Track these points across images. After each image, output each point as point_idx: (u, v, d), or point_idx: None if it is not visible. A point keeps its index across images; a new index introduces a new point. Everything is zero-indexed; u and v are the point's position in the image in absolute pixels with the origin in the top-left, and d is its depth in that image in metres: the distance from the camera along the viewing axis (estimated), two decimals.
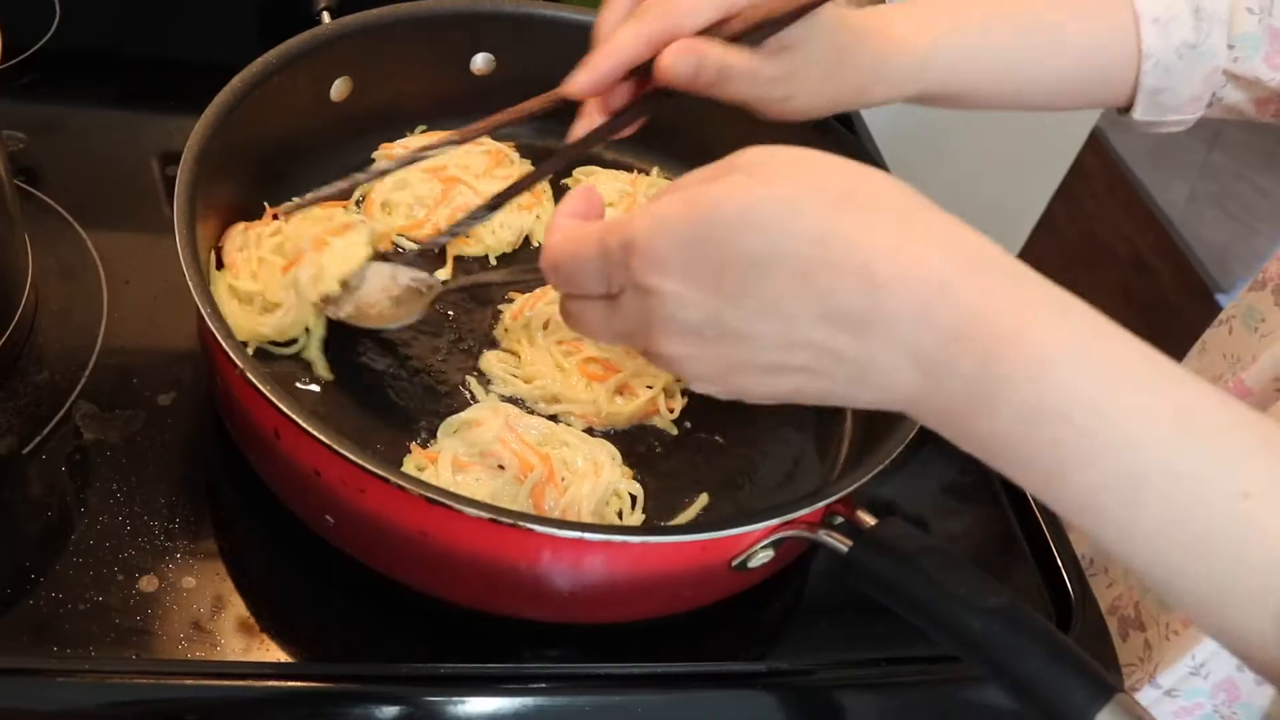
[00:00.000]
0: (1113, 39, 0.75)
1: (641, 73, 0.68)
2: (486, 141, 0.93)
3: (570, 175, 0.96)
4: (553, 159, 0.73)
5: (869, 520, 0.60)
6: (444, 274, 0.85)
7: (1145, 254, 2.93)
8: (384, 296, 0.73)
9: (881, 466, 0.63)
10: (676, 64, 0.65)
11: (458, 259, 0.87)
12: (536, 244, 0.90)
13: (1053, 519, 0.81)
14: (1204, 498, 0.41)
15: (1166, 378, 0.43)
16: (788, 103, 0.71)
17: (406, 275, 0.73)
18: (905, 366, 0.43)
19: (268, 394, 0.58)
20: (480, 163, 0.90)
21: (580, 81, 0.67)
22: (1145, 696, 0.85)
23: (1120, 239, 2.95)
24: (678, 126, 0.99)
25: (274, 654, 0.62)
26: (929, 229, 0.44)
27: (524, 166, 0.93)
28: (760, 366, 0.46)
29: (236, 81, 0.76)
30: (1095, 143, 2.42)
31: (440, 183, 0.88)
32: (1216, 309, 2.78)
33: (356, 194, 0.88)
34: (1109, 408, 0.42)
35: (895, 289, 0.42)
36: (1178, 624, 0.84)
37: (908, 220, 0.44)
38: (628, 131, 0.73)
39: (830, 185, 0.45)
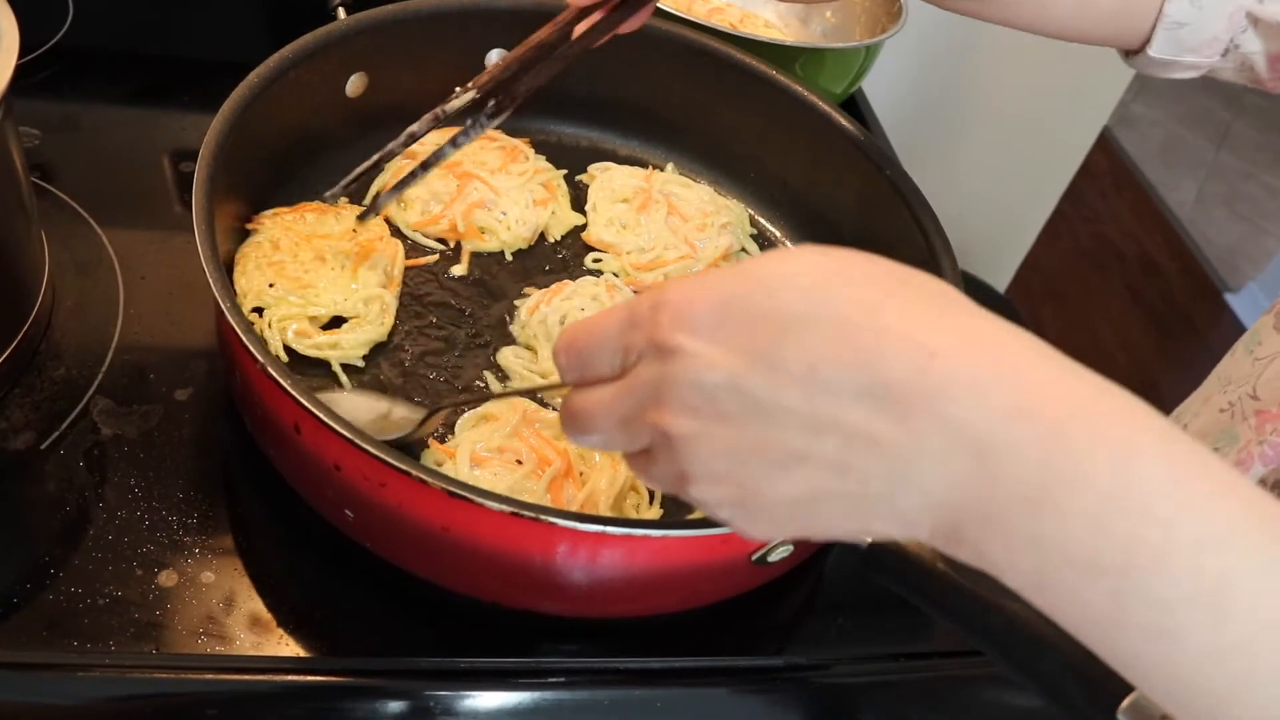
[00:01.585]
0: None
1: None
2: (501, 137, 0.93)
3: (585, 171, 0.96)
4: (552, 61, 0.73)
5: None
6: (459, 269, 0.85)
7: (1153, 254, 2.93)
8: (369, 419, 0.71)
9: None
10: None
11: (474, 254, 0.86)
12: (551, 240, 0.90)
13: None
14: None
15: (1239, 478, 0.38)
16: None
17: (399, 412, 0.71)
18: (956, 454, 0.37)
19: (289, 388, 0.58)
20: (495, 158, 0.90)
21: None
22: None
23: (1128, 239, 2.94)
24: (692, 123, 0.99)
25: (291, 649, 0.62)
26: (989, 320, 0.39)
27: (539, 163, 0.93)
28: (779, 453, 0.39)
29: (253, 77, 0.76)
30: (1104, 142, 2.42)
31: (456, 179, 0.88)
32: (1225, 309, 2.78)
33: (373, 192, 0.88)
34: (1193, 501, 0.36)
35: (950, 361, 0.37)
36: None
37: (967, 310, 0.40)
38: (633, 24, 0.73)
39: (889, 268, 0.40)
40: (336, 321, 0.76)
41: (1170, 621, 0.36)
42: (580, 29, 0.71)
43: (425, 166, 0.75)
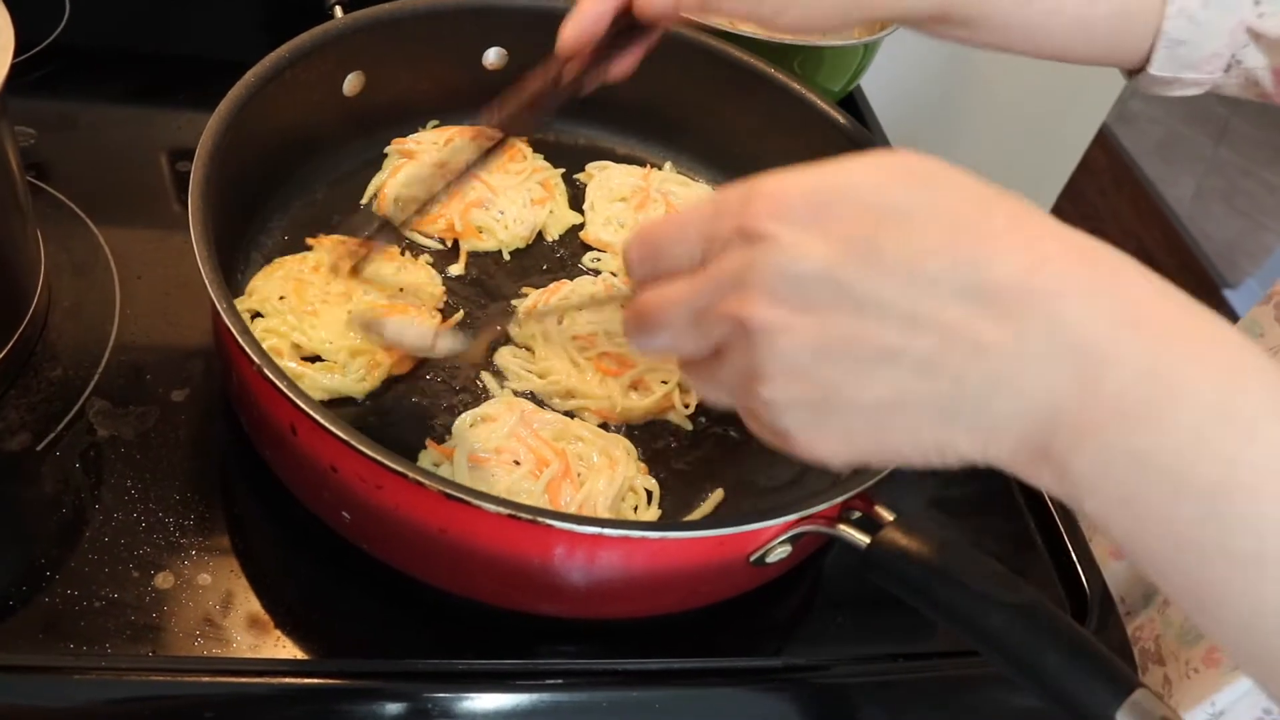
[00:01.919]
0: None
1: (628, 23, 0.68)
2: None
3: (583, 170, 0.96)
4: (542, 112, 0.72)
5: (888, 515, 0.60)
6: (457, 269, 0.85)
7: (1152, 250, 2.93)
8: (415, 344, 0.72)
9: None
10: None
11: (471, 254, 0.86)
12: (549, 239, 0.90)
13: (1069, 516, 0.80)
14: None
15: None
16: (782, 17, 0.65)
17: (445, 344, 0.73)
18: (1061, 358, 0.36)
19: (285, 390, 0.57)
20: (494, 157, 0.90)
21: (567, 36, 0.66)
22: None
23: (1127, 235, 2.94)
24: (690, 122, 0.99)
25: (288, 650, 0.61)
26: (1098, 243, 0.38)
27: (537, 162, 0.93)
28: (869, 350, 0.37)
29: (250, 76, 0.76)
30: (1102, 139, 2.42)
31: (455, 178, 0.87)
32: (1224, 305, 2.78)
33: (370, 191, 0.88)
34: None
35: (1063, 265, 0.36)
36: (1198, 662, 0.83)
37: (1068, 227, 0.38)
38: (622, 70, 0.72)
39: (983, 182, 0.39)
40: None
41: (1263, 547, 0.35)
42: (569, 74, 0.70)
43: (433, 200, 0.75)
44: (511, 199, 0.88)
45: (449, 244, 0.87)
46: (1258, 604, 0.36)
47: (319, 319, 0.73)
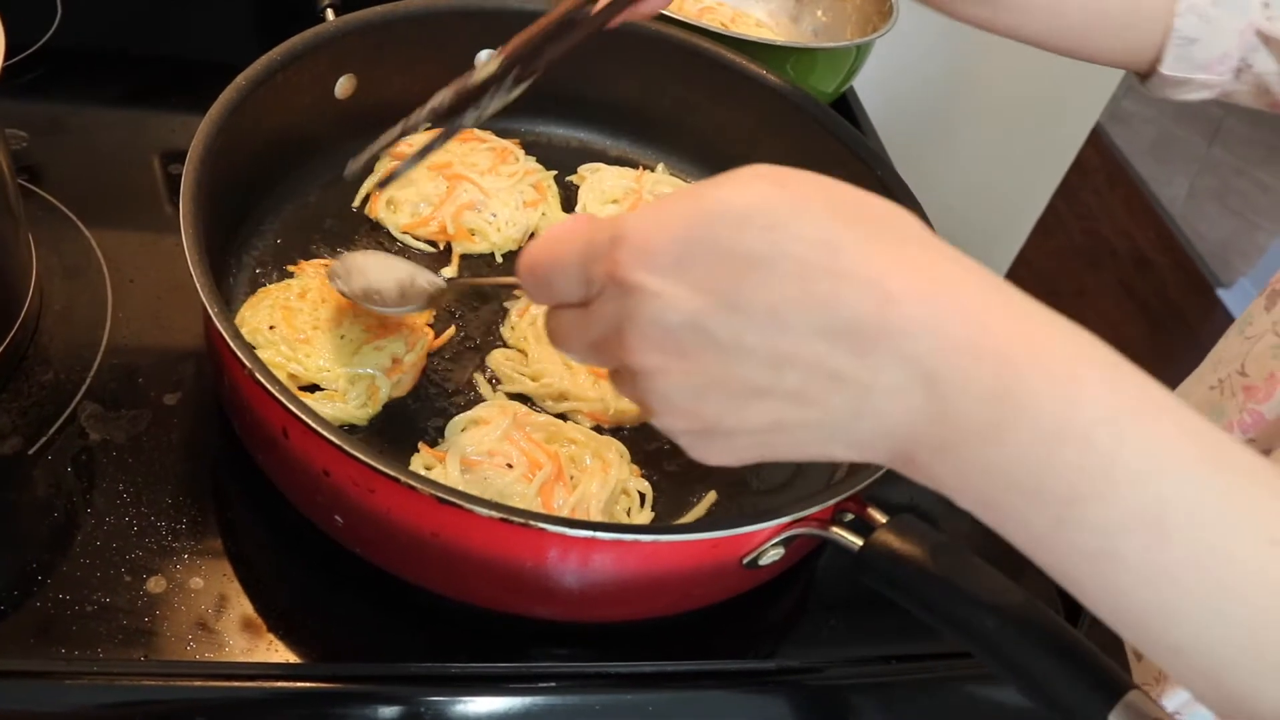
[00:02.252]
0: None
1: None
2: (491, 138, 0.92)
3: (575, 172, 0.96)
4: (574, 32, 0.71)
5: (880, 518, 0.60)
6: (449, 271, 0.85)
7: (1146, 250, 2.93)
8: (395, 286, 0.72)
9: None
10: None
11: (463, 256, 0.86)
12: None
13: None
14: (1231, 543, 0.38)
15: (1189, 413, 0.40)
16: None
17: (424, 277, 0.73)
18: (912, 388, 0.39)
19: (276, 394, 0.57)
20: (485, 159, 0.90)
21: None
22: None
23: (1121, 235, 2.95)
24: (683, 124, 0.99)
25: (282, 654, 0.61)
26: (946, 256, 0.41)
27: (529, 164, 0.93)
28: (740, 387, 0.40)
29: (241, 79, 0.76)
30: (1096, 138, 2.42)
31: (445, 180, 0.88)
32: (1217, 304, 2.79)
33: (362, 194, 0.88)
34: (1135, 432, 0.38)
35: (907, 302, 0.38)
36: None
37: (923, 245, 0.41)
38: (651, 7, 0.72)
39: (846, 200, 0.41)
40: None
41: (1110, 546, 0.38)
42: (601, 3, 0.70)
43: (446, 136, 0.72)
44: (504, 201, 0.88)
45: (441, 247, 0.87)
46: (1115, 596, 0.40)
47: (312, 346, 0.72)
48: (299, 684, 0.61)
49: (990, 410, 0.38)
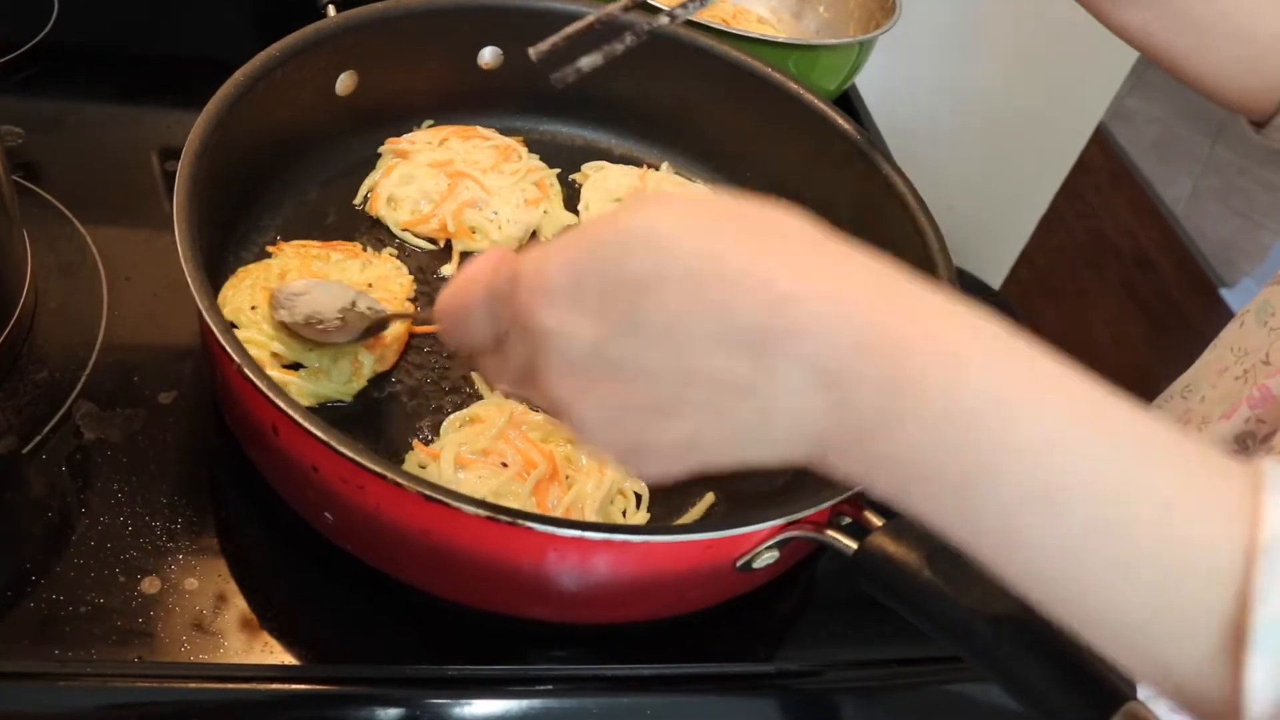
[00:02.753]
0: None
1: None
2: (495, 136, 0.92)
3: (579, 170, 0.96)
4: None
5: (876, 520, 0.59)
6: (449, 269, 0.84)
7: (1149, 249, 2.93)
8: (335, 314, 0.72)
9: None
10: None
11: (464, 254, 0.86)
12: (544, 239, 0.89)
13: None
14: (1129, 511, 0.39)
15: (1078, 381, 0.40)
16: None
17: (365, 303, 0.73)
18: (810, 388, 0.39)
19: (265, 389, 0.57)
20: (488, 157, 0.90)
21: None
22: (1140, 694, 0.85)
23: (1124, 234, 2.94)
24: (687, 122, 0.98)
25: (277, 656, 0.61)
26: (831, 252, 0.41)
27: (532, 162, 0.92)
28: (652, 406, 0.41)
29: (239, 75, 0.75)
30: (1099, 137, 2.41)
31: (447, 177, 0.87)
32: (1220, 304, 2.78)
33: (363, 191, 0.88)
34: (1026, 409, 0.39)
35: (797, 303, 0.39)
36: None
37: (808, 244, 0.41)
38: None
39: (728, 211, 0.41)
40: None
41: (1011, 523, 0.39)
42: None
43: (646, 33, 0.69)
44: (505, 199, 0.88)
45: (441, 244, 0.86)
46: (1028, 574, 0.41)
47: None
48: (295, 686, 0.60)
49: (884, 401, 0.39)
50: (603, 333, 0.41)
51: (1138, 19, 0.73)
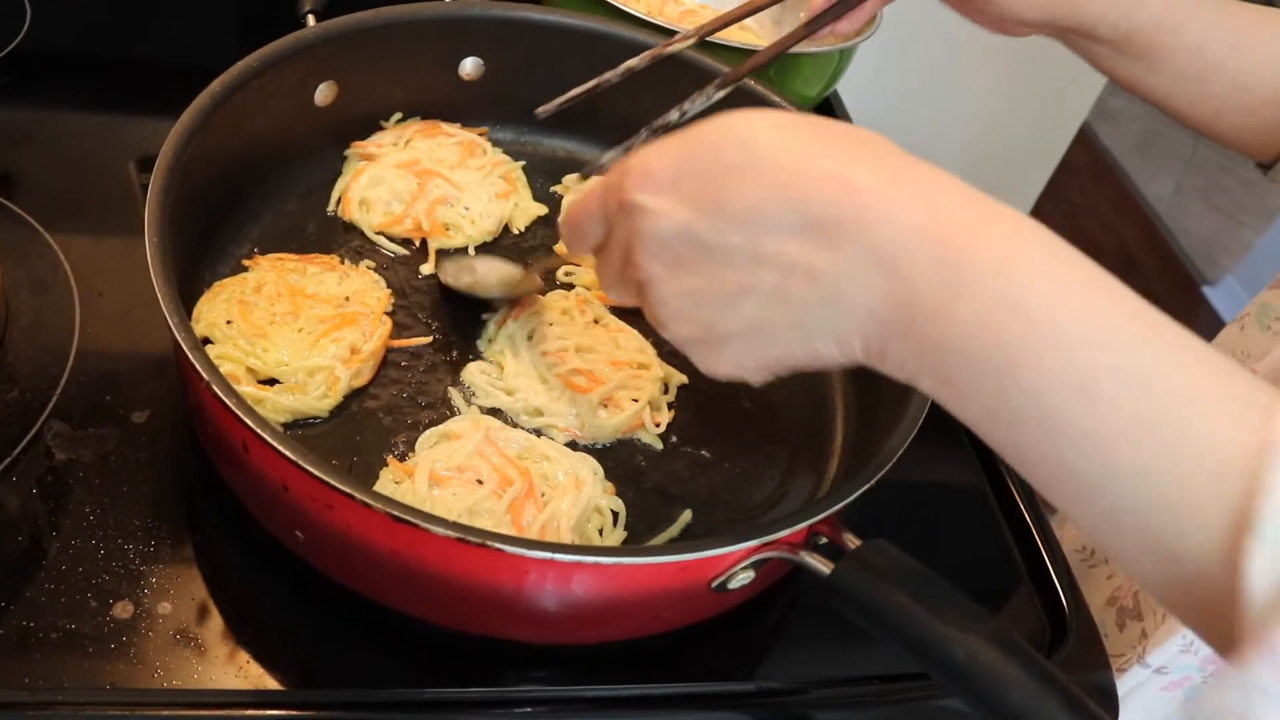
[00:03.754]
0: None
1: None
2: (458, 132, 0.92)
3: (560, 182, 0.95)
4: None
5: (853, 542, 0.59)
6: (427, 268, 0.84)
7: (1132, 247, 2.93)
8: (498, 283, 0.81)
9: (866, 487, 0.62)
10: None
11: (439, 253, 0.85)
12: (516, 231, 0.89)
13: (1048, 535, 0.80)
14: (1155, 400, 0.41)
15: (1116, 285, 0.43)
16: (993, 6, 0.72)
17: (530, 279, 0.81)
18: (875, 275, 0.43)
19: (234, 407, 0.56)
20: (454, 154, 0.90)
21: None
22: (1134, 676, 0.86)
23: (1107, 232, 2.95)
24: (667, 131, 0.97)
25: (254, 681, 0.60)
26: (899, 157, 0.45)
27: (497, 155, 0.92)
28: (728, 288, 0.46)
29: (215, 85, 0.75)
30: (1082, 136, 2.42)
31: (416, 176, 0.87)
32: (1203, 301, 2.79)
33: (335, 196, 0.87)
34: (1067, 302, 0.42)
35: (867, 193, 0.43)
36: None
37: (884, 150, 0.45)
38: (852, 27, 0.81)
39: (818, 124, 0.46)
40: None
41: (1041, 410, 0.42)
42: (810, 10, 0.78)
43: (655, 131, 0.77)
44: (476, 194, 0.87)
45: (417, 244, 0.86)
46: (1054, 463, 0.43)
47: (270, 340, 0.71)
48: (271, 711, 0.60)
49: (940, 288, 0.43)
50: (692, 213, 0.46)
51: (1133, 72, 0.75)
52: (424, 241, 0.86)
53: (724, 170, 0.45)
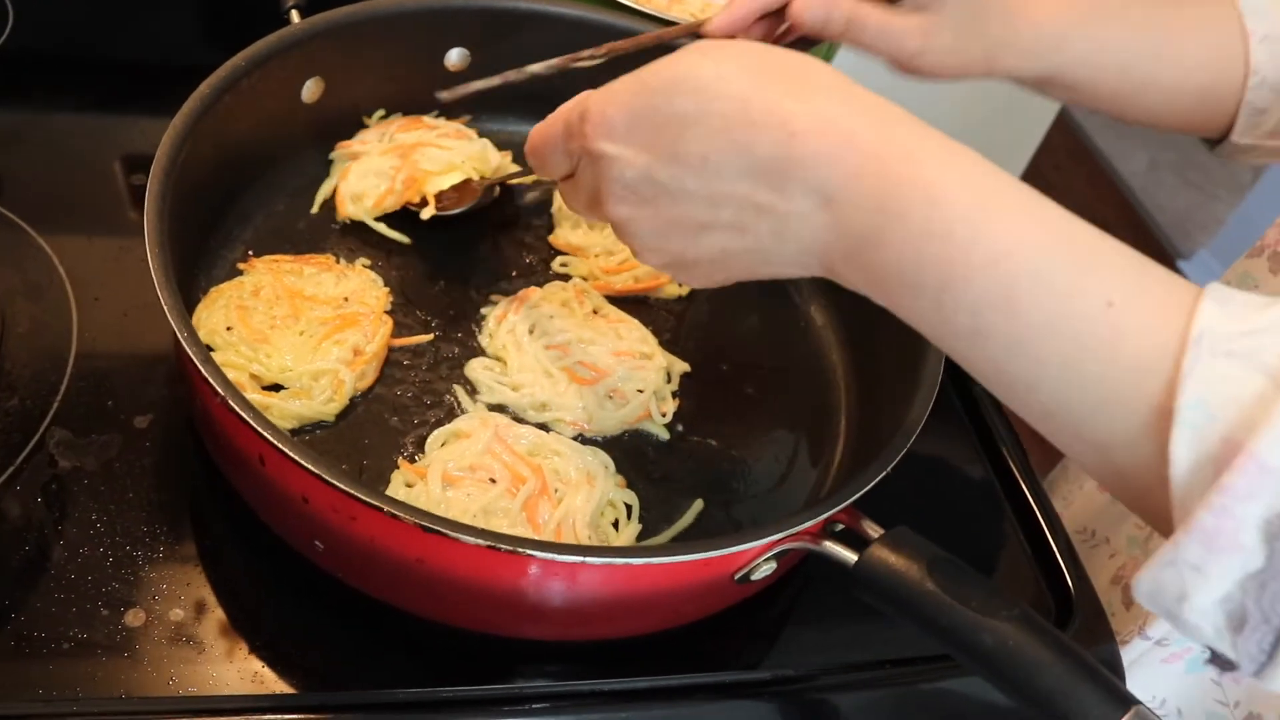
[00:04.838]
0: (1221, 55, 0.74)
1: (777, 15, 0.72)
2: (443, 124, 0.91)
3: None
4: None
5: (874, 531, 0.59)
6: (428, 212, 0.82)
7: (1108, 223, 2.92)
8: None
9: (884, 473, 0.62)
10: (806, 11, 0.70)
11: (438, 197, 0.84)
12: (482, 178, 0.87)
13: (1054, 520, 0.80)
14: (1073, 307, 0.44)
15: (1042, 206, 0.46)
16: (918, 59, 0.74)
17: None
18: (817, 210, 0.47)
19: (251, 421, 0.56)
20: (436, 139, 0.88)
21: (718, 23, 0.73)
22: (1135, 648, 0.87)
23: (1083, 209, 2.93)
24: None
25: (269, 685, 0.60)
26: (847, 95, 0.48)
27: (482, 143, 0.91)
28: (691, 224, 0.51)
29: (205, 87, 0.74)
30: (1058, 116, 2.43)
31: (398, 157, 0.85)
32: (1178, 275, 2.81)
33: (318, 201, 0.86)
34: (988, 226, 0.45)
35: (807, 138, 0.46)
36: None
37: (828, 89, 0.48)
38: None
39: (765, 63, 0.49)
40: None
41: (977, 323, 0.46)
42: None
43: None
44: (460, 150, 0.87)
45: (418, 204, 0.84)
46: (993, 369, 0.47)
47: (272, 345, 0.70)
48: (287, 716, 0.59)
49: (874, 219, 0.46)
50: (651, 160, 0.50)
51: (1064, 96, 0.77)
52: (423, 201, 0.84)
53: (677, 119, 0.48)
